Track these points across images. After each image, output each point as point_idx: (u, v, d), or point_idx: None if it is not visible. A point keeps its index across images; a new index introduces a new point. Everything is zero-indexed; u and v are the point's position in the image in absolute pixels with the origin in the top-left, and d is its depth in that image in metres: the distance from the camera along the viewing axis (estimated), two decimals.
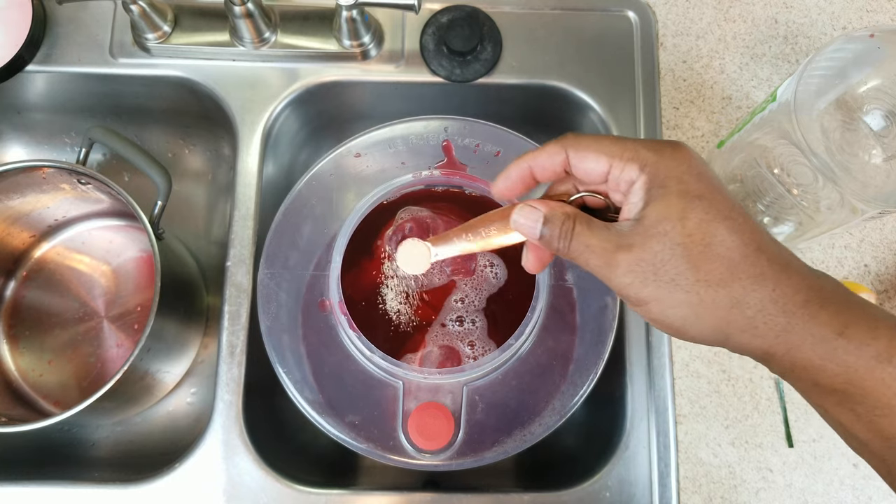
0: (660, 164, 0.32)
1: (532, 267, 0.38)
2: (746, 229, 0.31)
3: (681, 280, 0.31)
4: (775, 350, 0.31)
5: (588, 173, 0.34)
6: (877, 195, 0.44)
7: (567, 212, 0.34)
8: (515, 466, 0.66)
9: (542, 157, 0.35)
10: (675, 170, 0.31)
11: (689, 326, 0.31)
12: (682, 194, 0.31)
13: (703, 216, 0.31)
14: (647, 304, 0.32)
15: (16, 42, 0.60)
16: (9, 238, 0.66)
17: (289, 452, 0.61)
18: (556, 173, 0.35)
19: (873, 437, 0.30)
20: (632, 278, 0.31)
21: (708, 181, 0.32)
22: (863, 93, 0.45)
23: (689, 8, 0.66)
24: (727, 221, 0.31)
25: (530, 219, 0.35)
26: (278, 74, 0.63)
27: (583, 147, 0.34)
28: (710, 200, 0.31)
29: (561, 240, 0.34)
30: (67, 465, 0.64)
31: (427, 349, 0.52)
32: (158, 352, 0.57)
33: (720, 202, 0.31)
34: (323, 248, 0.53)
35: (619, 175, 0.33)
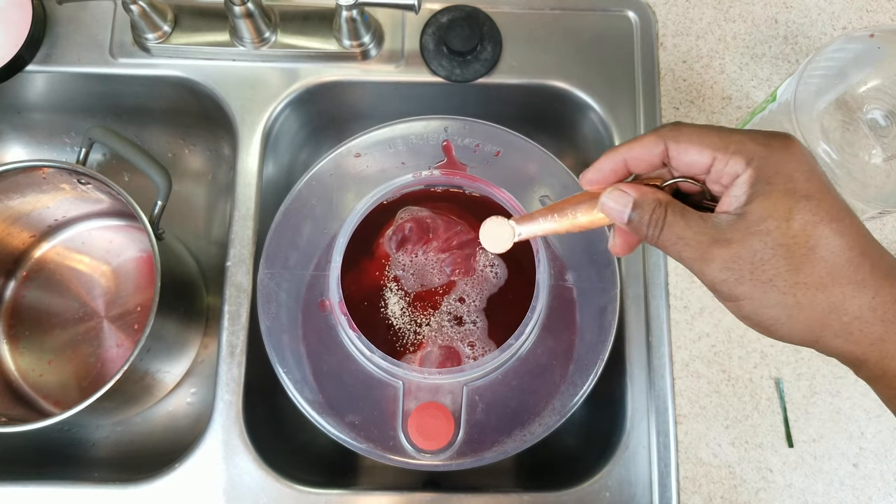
0: (768, 158, 0.31)
1: (619, 250, 0.37)
2: (853, 232, 0.30)
3: (778, 281, 0.30)
4: (868, 356, 0.30)
5: (689, 166, 0.33)
6: (877, 195, 0.44)
7: (659, 198, 0.33)
8: (515, 466, 0.66)
9: (638, 148, 0.34)
10: (784, 166, 0.30)
11: (779, 326, 0.31)
12: (790, 193, 0.30)
13: (809, 217, 0.30)
14: (740, 301, 0.31)
15: (16, 42, 0.60)
16: (9, 238, 0.66)
17: (289, 452, 0.61)
18: (654, 165, 0.34)
19: None
20: (727, 275, 0.31)
21: (818, 180, 0.30)
22: (863, 93, 0.45)
23: (689, 8, 0.66)
24: (834, 224, 0.30)
25: (619, 203, 0.34)
26: (278, 74, 0.63)
27: (684, 139, 0.32)
28: (819, 201, 0.30)
29: (651, 227, 0.33)
30: (67, 465, 0.64)
31: (427, 349, 0.52)
32: (158, 352, 0.57)
33: (829, 203, 0.30)
34: (323, 248, 0.53)
35: (722, 168, 0.32)
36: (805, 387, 0.58)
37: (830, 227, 0.30)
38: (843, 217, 0.30)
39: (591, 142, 0.66)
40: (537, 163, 0.54)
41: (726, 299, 0.32)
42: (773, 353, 0.58)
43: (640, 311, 0.58)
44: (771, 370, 0.58)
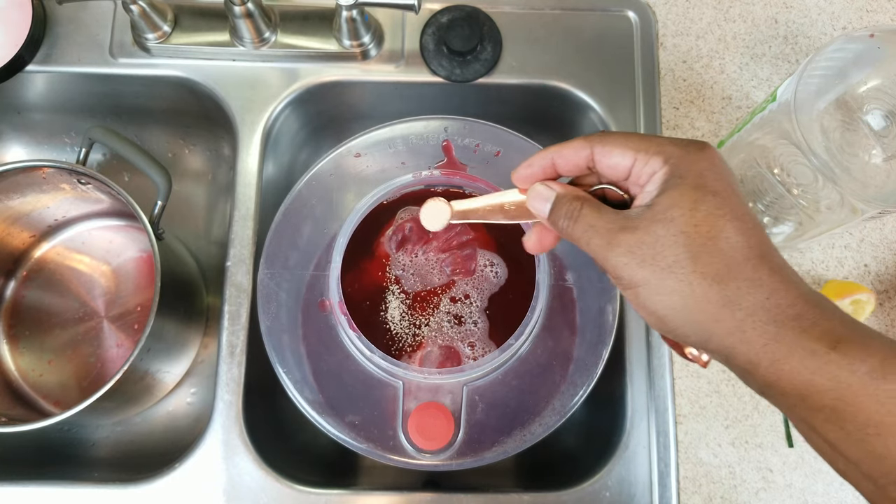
0: (684, 158, 0.32)
1: (532, 246, 0.39)
2: (754, 234, 0.31)
3: (677, 268, 0.31)
4: (760, 359, 0.30)
5: (612, 168, 0.34)
6: (877, 195, 0.44)
7: (578, 195, 0.35)
8: (515, 466, 0.66)
9: (567, 150, 0.35)
10: (696, 164, 0.32)
11: (672, 317, 0.31)
12: (698, 187, 0.31)
13: (713, 210, 0.31)
14: (638, 287, 0.32)
15: (16, 42, 0.60)
16: (9, 238, 0.66)
17: (289, 452, 0.61)
18: (579, 167, 0.36)
19: (864, 457, 0.29)
20: (629, 259, 0.32)
21: (726, 181, 0.32)
22: (863, 93, 0.45)
23: (689, 8, 0.66)
24: (737, 222, 0.31)
25: (542, 197, 0.36)
26: (278, 74, 0.63)
27: (609, 142, 0.34)
28: (725, 198, 0.31)
29: (566, 219, 0.34)
30: (67, 465, 0.64)
31: (427, 349, 0.52)
32: (158, 352, 0.57)
33: (734, 202, 0.31)
34: (323, 248, 0.53)
35: (642, 168, 0.33)
36: None
37: (733, 224, 0.31)
38: (746, 219, 0.31)
39: None
40: None
41: (626, 287, 0.32)
42: None
43: None
44: None
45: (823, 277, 0.60)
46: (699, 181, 0.31)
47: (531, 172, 0.37)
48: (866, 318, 0.57)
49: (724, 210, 0.31)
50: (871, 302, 0.57)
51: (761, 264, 0.30)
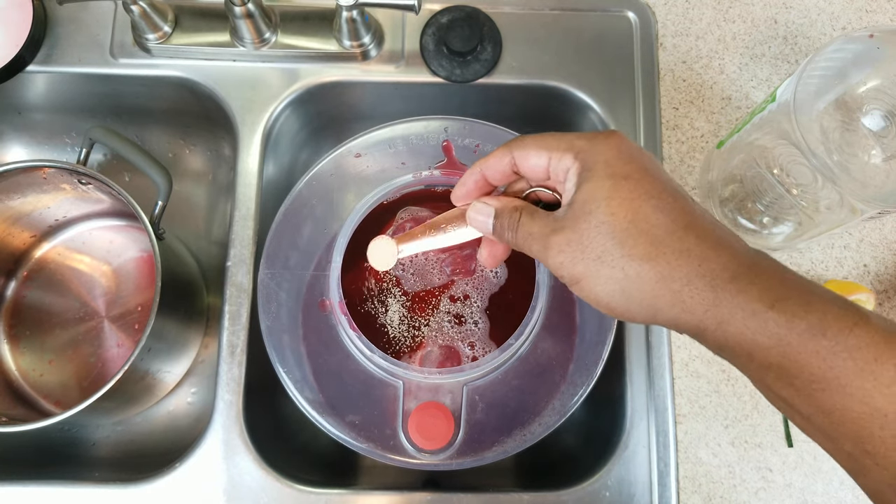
0: (591, 150, 0.33)
1: (487, 261, 0.40)
2: (675, 208, 0.32)
3: (606, 257, 0.32)
4: (706, 325, 0.31)
5: (532, 169, 0.36)
6: (876, 195, 0.44)
7: (516, 205, 0.36)
8: (515, 466, 0.67)
9: (492, 160, 0.37)
10: (604, 154, 0.33)
11: (618, 302, 0.32)
12: (609, 176, 0.32)
13: (627, 195, 0.32)
14: (580, 282, 0.33)
15: (16, 42, 0.60)
16: (9, 238, 0.66)
17: (289, 452, 0.61)
18: (507, 175, 0.37)
19: (814, 412, 0.30)
20: (563, 258, 0.33)
21: (638, 163, 0.33)
22: (862, 93, 0.45)
23: (689, 8, 0.66)
24: (653, 200, 0.31)
25: (483, 213, 0.37)
26: (278, 75, 0.63)
27: (525, 146, 0.36)
28: (638, 181, 0.32)
29: (508, 230, 0.36)
30: (67, 465, 0.64)
31: (427, 349, 0.52)
32: (159, 352, 0.57)
33: (648, 183, 0.32)
34: (323, 249, 0.53)
35: (557, 166, 0.35)
36: None
37: (649, 203, 0.31)
38: (665, 196, 0.32)
39: None
40: None
41: (570, 283, 0.33)
42: None
43: None
44: None
45: (823, 277, 0.60)
46: (609, 170, 0.32)
47: (466, 191, 0.39)
48: None
49: (638, 192, 0.32)
50: (870, 302, 0.57)
51: (687, 234, 0.31)
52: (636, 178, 0.32)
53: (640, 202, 0.31)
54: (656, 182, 0.32)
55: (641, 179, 0.32)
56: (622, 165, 0.32)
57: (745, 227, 0.58)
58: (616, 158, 0.33)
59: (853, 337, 0.29)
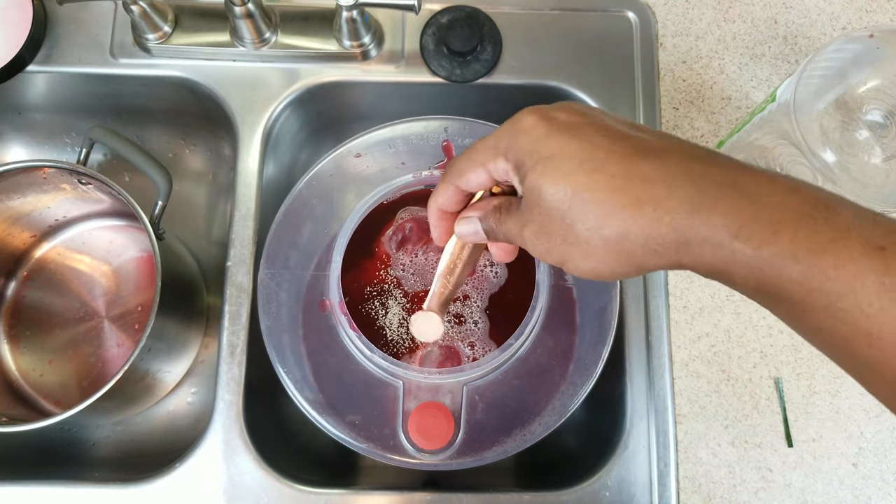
0: (513, 145, 0.33)
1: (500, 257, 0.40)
2: (610, 163, 0.30)
3: (570, 237, 0.31)
4: (684, 262, 0.30)
5: (480, 186, 0.36)
6: (876, 195, 0.44)
7: (495, 204, 0.36)
8: (515, 466, 0.67)
9: (440, 199, 0.37)
10: (524, 144, 0.33)
11: (601, 272, 0.32)
12: (536, 163, 0.32)
13: (558, 174, 0.31)
14: (564, 264, 0.33)
15: (16, 42, 0.60)
16: (9, 238, 0.66)
17: (289, 452, 0.61)
18: (462, 202, 0.38)
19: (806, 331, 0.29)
20: (540, 248, 0.33)
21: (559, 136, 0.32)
22: (862, 93, 0.45)
23: (689, 8, 0.66)
24: (585, 165, 0.31)
25: (470, 226, 0.37)
26: (278, 75, 0.63)
27: (461, 171, 0.36)
28: (563, 155, 0.31)
29: (497, 230, 0.36)
30: (67, 465, 0.64)
31: (427, 349, 0.52)
32: (159, 352, 0.57)
33: (572, 153, 0.31)
34: (323, 248, 0.53)
35: (496, 173, 0.34)
36: (804, 386, 0.58)
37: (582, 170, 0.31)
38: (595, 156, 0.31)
39: None
40: None
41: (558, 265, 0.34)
42: (772, 353, 0.58)
43: (640, 311, 0.58)
44: (770, 370, 0.58)
45: None
46: (534, 157, 0.32)
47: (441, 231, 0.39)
48: None
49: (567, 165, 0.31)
50: None
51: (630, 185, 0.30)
52: (560, 155, 0.31)
53: (573, 175, 0.31)
54: (582, 144, 0.31)
55: (564, 154, 0.31)
56: (543, 145, 0.32)
57: None
58: (535, 142, 0.32)
59: (828, 257, 0.27)
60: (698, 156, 0.31)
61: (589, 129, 0.32)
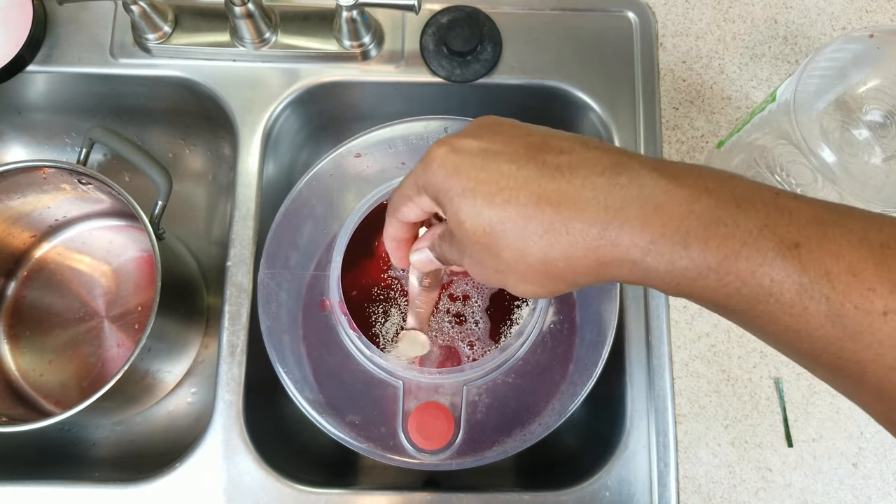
0: (428, 182, 0.33)
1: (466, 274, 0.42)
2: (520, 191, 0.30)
3: (500, 266, 0.32)
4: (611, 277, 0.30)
5: (419, 217, 0.37)
6: (876, 195, 0.44)
7: (439, 233, 0.37)
8: (515, 466, 0.67)
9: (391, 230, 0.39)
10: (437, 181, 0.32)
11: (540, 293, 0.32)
12: (452, 201, 0.32)
13: (473, 210, 0.31)
14: (505, 287, 0.33)
15: (16, 42, 0.60)
16: (9, 238, 0.66)
17: (289, 452, 0.61)
18: (413, 230, 0.39)
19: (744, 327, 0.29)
20: (479, 276, 0.34)
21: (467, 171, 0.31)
22: (862, 93, 0.45)
23: (689, 8, 0.66)
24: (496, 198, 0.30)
25: (423, 256, 0.39)
26: (279, 75, 0.63)
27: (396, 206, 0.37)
28: (473, 192, 0.31)
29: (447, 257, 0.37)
30: (67, 465, 0.64)
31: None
32: (159, 352, 0.57)
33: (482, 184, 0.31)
34: (323, 248, 0.53)
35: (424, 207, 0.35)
36: (804, 386, 0.58)
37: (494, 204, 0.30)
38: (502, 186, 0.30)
39: None
40: None
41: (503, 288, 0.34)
42: (772, 353, 0.58)
43: (640, 311, 0.58)
44: (770, 370, 0.58)
45: None
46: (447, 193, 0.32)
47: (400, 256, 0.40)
48: None
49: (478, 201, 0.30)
50: None
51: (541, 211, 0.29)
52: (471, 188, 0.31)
53: (486, 211, 0.30)
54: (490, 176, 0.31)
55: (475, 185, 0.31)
56: (454, 184, 0.31)
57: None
58: (446, 179, 0.32)
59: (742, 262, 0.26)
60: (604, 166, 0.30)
61: (496, 158, 0.31)
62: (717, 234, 0.27)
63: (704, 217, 0.27)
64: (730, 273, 0.26)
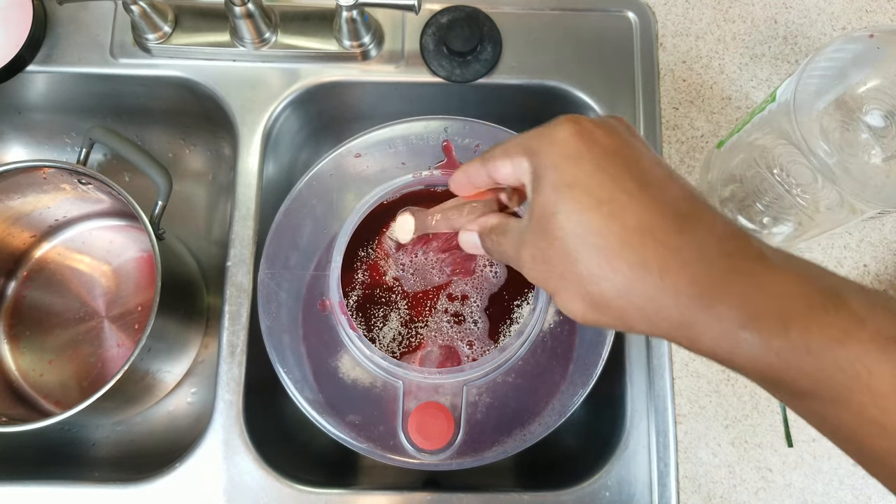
0: (539, 151, 0.31)
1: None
2: (628, 212, 0.29)
3: (568, 275, 0.30)
4: (678, 339, 0.29)
5: (505, 178, 0.35)
6: (876, 195, 0.44)
7: (492, 224, 0.36)
8: (515, 466, 0.67)
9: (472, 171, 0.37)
10: (550, 156, 0.31)
11: (589, 317, 0.30)
12: (555, 185, 0.30)
13: (573, 206, 0.29)
14: (554, 296, 0.31)
15: (16, 42, 0.60)
16: (9, 238, 0.66)
17: (289, 452, 0.61)
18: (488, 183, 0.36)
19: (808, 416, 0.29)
20: (534, 273, 0.32)
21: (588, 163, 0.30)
22: (862, 93, 0.45)
23: (689, 8, 0.66)
24: (603, 207, 0.29)
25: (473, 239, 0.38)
26: (278, 75, 0.63)
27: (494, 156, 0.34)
28: (584, 187, 0.29)
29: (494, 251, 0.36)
30: (67, 465, 0.64)
31: (427, 349, 0.52)
32: (159, 352, 0.57)
33: (596, 187, 0.29)
34: (323, 248, 0.53)
35: (518, 170, 0.33)
36: None
37: (599, 212, 0.29)
38: (617, 197, 0.29)
39: None
40: None
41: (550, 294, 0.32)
42: None
43: None
44: None
45: None
46: (555, 177, 0.30)
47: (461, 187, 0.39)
48: None
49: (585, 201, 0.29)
50: None
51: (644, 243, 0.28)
52: (583, 185, 0.29)
53: (589, 214, 0.29)
54: (606, 181, 0.29)
55: (588, 185, 0.29)
56: (569, 168, 0.30)
57: (746, 227, 0.58)
58: (563, 161, 0.30)
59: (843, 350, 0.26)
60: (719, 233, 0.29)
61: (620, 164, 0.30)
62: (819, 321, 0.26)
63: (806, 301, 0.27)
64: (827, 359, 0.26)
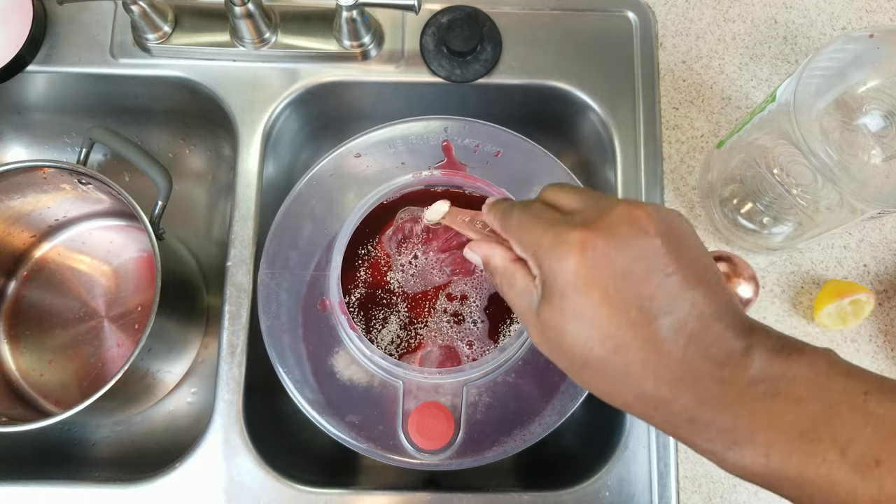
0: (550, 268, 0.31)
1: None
2: (632, 349, 0.29)
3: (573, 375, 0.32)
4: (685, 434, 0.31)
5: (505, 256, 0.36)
6: (876, 195, 0.44)
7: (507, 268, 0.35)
8: (515, 466, 0.67)
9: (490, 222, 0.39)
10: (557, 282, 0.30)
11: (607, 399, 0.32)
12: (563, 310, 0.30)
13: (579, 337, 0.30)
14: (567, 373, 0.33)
15: (16, 42, 0.61)
16: (9, 238, 0.66)
17: (289, 452, 0.61)
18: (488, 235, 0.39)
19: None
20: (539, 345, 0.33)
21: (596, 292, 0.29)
22: (862, 93, 0.45)
23: (689, 8, 0.66)
24: (607, 342, 0.29)
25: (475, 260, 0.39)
26: (278, 75, 0.63)
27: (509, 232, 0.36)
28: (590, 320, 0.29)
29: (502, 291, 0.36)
30: (67, 465, 0.64)
31: (427, 349, 0.52)
32: (159, 351, 0.57)
33: (603, 322, 0.29)
34: (323, 248, 0.53)
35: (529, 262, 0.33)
36: None
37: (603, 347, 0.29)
38: (619, 334, 0.29)
39: (591, 142, 0.66)
40: (537, 163, 0.54)
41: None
42: None
43: None
44: None
45: (823, 277, 0.60)
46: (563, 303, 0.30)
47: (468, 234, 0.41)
48: (865, 318, 0.57)
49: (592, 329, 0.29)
50: (870, 302, 0.57)
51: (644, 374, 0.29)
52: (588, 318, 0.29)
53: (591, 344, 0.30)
54: (614, 315, 0.29)
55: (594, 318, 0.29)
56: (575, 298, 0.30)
57: (745, 227, 0.58)
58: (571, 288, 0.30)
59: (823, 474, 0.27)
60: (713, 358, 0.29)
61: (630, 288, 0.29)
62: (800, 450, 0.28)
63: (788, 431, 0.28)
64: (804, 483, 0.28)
